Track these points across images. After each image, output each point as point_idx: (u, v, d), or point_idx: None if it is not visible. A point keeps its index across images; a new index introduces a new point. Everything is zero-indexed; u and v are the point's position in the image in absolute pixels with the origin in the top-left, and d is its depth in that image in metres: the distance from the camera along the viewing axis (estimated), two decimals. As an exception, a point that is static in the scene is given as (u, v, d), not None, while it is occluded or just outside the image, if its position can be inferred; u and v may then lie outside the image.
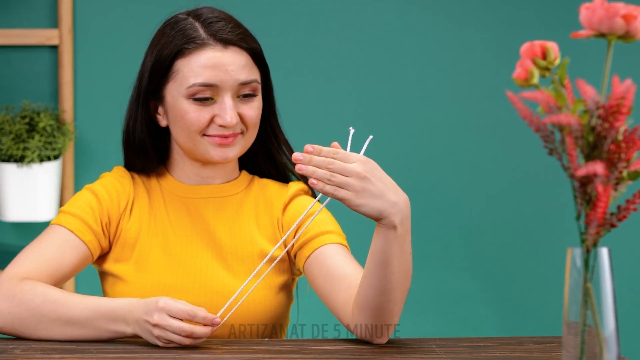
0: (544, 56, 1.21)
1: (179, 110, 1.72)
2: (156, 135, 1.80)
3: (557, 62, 1.21)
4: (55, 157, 2.89)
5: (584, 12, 1.17)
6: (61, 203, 2.98)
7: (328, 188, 1.51)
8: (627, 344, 2.61)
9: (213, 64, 1.71)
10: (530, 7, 3.04)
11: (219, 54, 1.71)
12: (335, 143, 1.56)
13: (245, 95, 1.73)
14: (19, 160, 2.85)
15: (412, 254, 1.58)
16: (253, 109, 1.74)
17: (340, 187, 1.50)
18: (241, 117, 1.73)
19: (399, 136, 3.03)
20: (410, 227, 1.56)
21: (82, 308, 1.62)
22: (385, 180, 1.53)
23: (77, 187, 2.99)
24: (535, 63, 1.21)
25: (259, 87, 1.75)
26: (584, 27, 1.18)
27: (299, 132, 1.91)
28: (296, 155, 1.52)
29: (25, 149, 2.85)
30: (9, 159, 2.86)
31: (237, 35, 1.73)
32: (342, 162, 1.51)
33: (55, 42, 2.95)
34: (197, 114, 1.71)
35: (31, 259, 1.70)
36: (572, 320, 1.16)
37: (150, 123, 1.79)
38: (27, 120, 2.87)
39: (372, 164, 1.53)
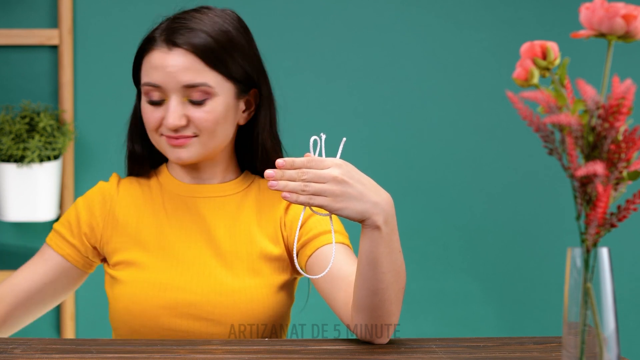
0: (544, 56, 1.21)
1: (142, 108, 1.77)
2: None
3: (557, 62, 1.21)
4: (55, 157, 2.89)
5: (584, 12, 1.17)
6: (61, 203, 2.98)
7: (302, 198, 1.49)
8: (627, 344, 2.61)
9: (157, 65, 1.73)
10: (530, 7, 3.04)
11: (164, 55, 1.73)
12: (308, 154, 1.54)
13: (196, 99, 1.73)
14: (19, 160, 2.85)
15: (402, 251, 1.57)
16: (204, 113, 1.73)
17: (316, 195, 1.49)
18: (190, 120, 1.73)
19: (399, 136, 3.03)
20: (397, 226, 1.55)
21: None
22: (364, 182, 1.52)
23: (77, 187, 2.99)
24: (535, 63, 1.21)
25: (213, 90, 1.73)
26: (584, 27, 1.18)
27: (298, 132, 1.91)
28: (267, 172, 1.51)
29: (25, 149, 2.84)
30: (9, 159, 2.86)
31: (191, 38, 1.72)
32: (316, 170, 1.50)
33: (55, 42, 2.95)
34: (151, 114, 1.75)
35: (12, 276, 1.82)
36: (572, 320, 1.16)
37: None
38: (27, 120, 2.87)
39: (349, 167, 1.52)
